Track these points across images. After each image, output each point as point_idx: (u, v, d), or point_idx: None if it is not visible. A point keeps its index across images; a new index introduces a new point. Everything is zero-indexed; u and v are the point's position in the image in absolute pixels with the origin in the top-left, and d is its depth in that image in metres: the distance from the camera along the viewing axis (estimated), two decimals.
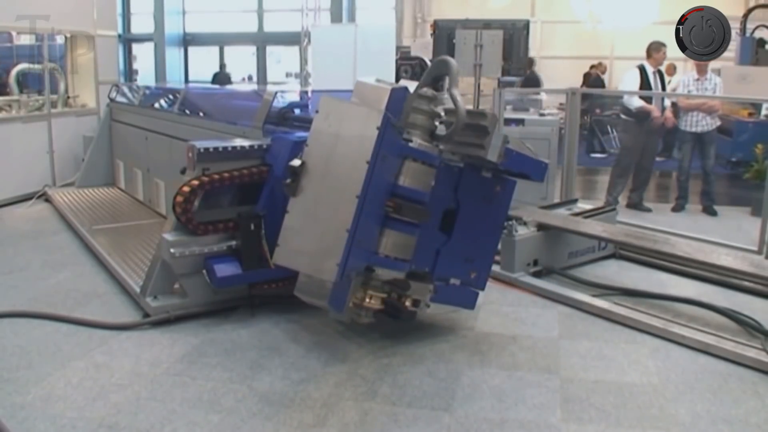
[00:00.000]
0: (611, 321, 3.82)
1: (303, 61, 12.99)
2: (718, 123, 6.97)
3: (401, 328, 3.55)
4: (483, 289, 3.66)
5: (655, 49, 6.91)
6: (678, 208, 7.00)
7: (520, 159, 3.40)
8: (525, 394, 2.99)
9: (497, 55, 6.06)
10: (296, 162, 2.99)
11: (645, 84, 6.83)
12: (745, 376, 3.17)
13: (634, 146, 7.00)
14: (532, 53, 10.91)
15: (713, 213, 6.80)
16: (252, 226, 3.65)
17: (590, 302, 4.02)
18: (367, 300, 3.21)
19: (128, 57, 18.90)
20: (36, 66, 7.58)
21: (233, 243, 3.72)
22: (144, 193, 6.32)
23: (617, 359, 3.36)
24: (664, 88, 7.12)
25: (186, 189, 3.60)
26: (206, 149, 3.68)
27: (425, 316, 3.73)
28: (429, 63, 8.34)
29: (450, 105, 3.17)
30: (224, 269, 3.66)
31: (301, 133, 3.74)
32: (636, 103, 6.87)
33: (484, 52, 6.04)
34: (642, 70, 6.89)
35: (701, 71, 6.78)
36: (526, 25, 6.69)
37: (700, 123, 6.85)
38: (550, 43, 14.28)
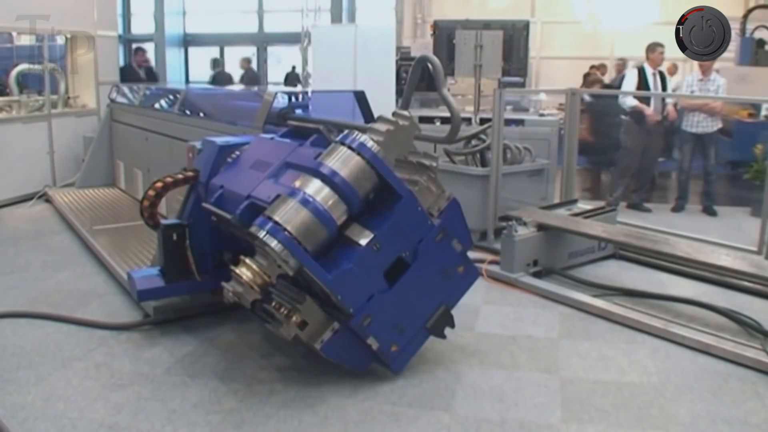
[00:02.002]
0: (611, 321, 3.82)
1: (303, 61, 12.98)
2: (720, 125, 6.96)
3: None
4: (396, 370, 3.07)
5: (651, 50, 6.92)
6: (678, 208, 7.01)
7: (460, 217, 3.07)
8: (525, 394, 2.99)
9: (497, 56, 6.06)
10: None
11: (643, 85, 6.84)
12: (745, 376, 3.17)
13: (635, 147, 7.00)
14: (532, 53, 10.90)
15: (713, 213, 6.80)
16: (174, 237, 3.49)
17: (590, 302, 4.02)
18: (243, 269, 2.76)
19: (128, 57, 18.90)
20: (36, 66, 7.58)
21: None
22: (144, 193, 6.31)
23: (617, 359, 3.36)
24: (665, 88, 7.12)
25: (145, 203, 3.57)
26: None
27: None
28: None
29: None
30: (145, 282, 3.51)
31: (231, 138, 3.66)
32: (629, 102, 6.89)
33: (484, 52, 6.03)
34: (641, 71, 6.89)
35: (705, 72, 6.77)
36: (526, 25, 6.70)
37: (701, 124, 6.85)
38: (550, 43, 14.25)
